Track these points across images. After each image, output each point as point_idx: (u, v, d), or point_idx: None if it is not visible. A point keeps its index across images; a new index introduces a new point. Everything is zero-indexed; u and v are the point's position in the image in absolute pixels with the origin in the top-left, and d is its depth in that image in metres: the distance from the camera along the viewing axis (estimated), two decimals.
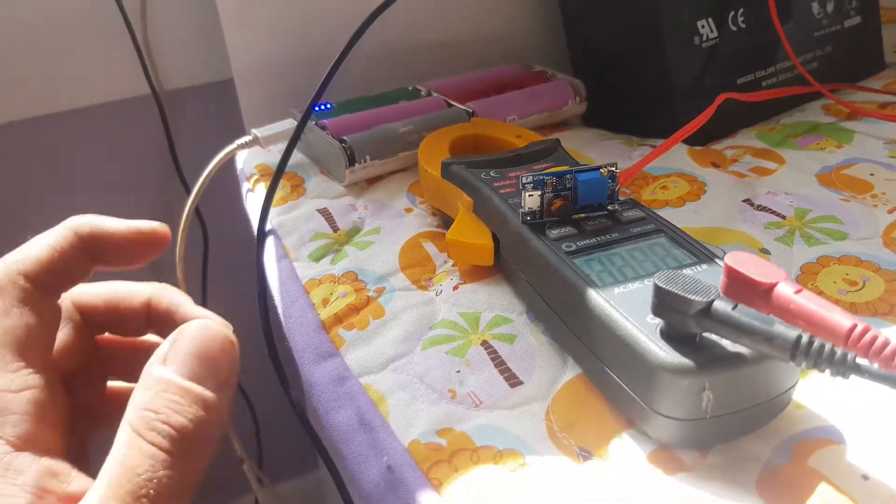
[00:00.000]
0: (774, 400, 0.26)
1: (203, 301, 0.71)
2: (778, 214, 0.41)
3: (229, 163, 0.51)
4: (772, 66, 0.54)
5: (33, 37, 0.62)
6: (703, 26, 0.51)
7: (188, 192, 0.67)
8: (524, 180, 0.33)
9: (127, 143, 0.70)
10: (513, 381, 0.31)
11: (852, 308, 0.33)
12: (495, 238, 0.36)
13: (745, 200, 0.42)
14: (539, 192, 0.33)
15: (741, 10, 0.52)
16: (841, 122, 0.51)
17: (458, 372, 0.32)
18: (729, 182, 0.44)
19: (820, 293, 0.34)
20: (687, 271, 0.29)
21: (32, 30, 0.62)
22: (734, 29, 0.52)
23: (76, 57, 0.64)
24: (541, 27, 0.65)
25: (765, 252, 0.38)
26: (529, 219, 0.33)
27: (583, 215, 0.34)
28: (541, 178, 0.33)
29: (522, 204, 0.33)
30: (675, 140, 0.44)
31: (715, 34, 0.52)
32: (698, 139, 0.51)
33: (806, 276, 0.36)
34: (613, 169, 0.34)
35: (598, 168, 0.33)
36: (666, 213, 0.42)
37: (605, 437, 0.28)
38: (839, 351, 0.23)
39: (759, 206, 0.42)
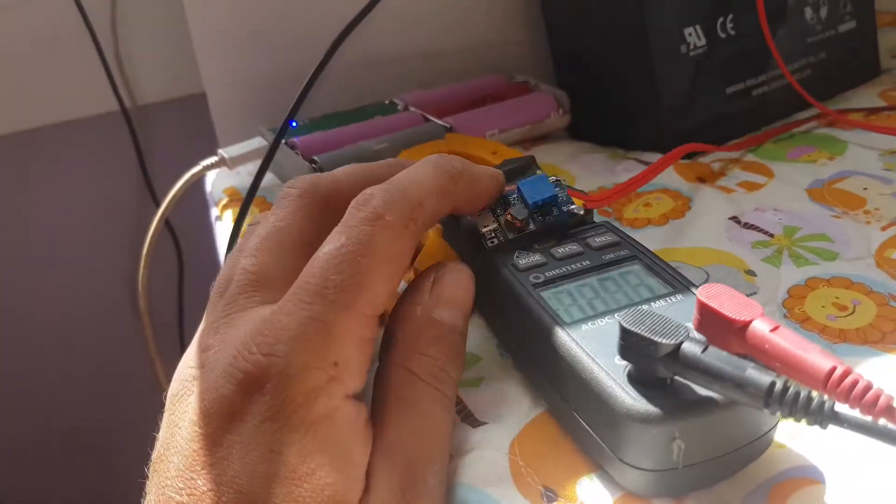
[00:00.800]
0: (752, 444, 0.25)
1: (179, 325, 0.70)
2: (766, 233, 0.39)
3: (202, 182, 0.49)
4: (763, 73, 0.52)
5: None
6: (690, 34, 0.49)
7: None
8: None
9: (96, 160, 0.69)
10: (476, 423, 0.29)
11: (841, 335, 0.31)
12: None
13: (731, 218, 0.40)
14: (489, 212, 0.32)
15: (730, 17, 0.50)
16: (834, 132, 0.49)
17: None
18: (715, 198, 0.43)
19: (807, 319, 0.32)
20: (660, 303, 0.28)
21: None
22: (723, 36, 0.50)
23: (42, 73, 0.63)
24: (524, 36, 0.63)
25: (751, 273, 0.36)
26: (495, 241, 0.32)
27: (553, 242, 0.32)
28: None
29: (479, 228, 0.32)
30: (636, 183, 0.42)
31: (703, 42, 0.50)
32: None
33: (793, 300, 0.34)
34: (555, 179, 0.33)
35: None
36: (649, 233, 0.40)
37: (572, 476, 0.26)
38: (816, 398, 0.21)
39: (746, 223, 0.40)
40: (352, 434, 0.24)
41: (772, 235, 0.38)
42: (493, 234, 0.32)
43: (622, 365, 0.24)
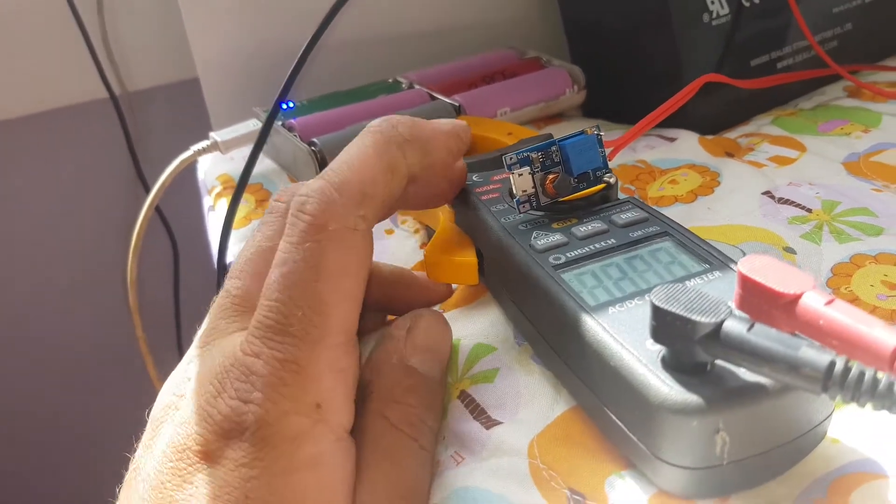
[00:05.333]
0: (805, 436, 0.22)
1: (176, 320, 0.68)
2: (803, 207, 0.36)
3: (194, 169, 0.46)
4: (788, 45, 0.49)
5: None
6: (713, 2, 0.46)
7: None
8: (508, 160, 0.29)
9: (86, 149, 0.67)
10: (490, 423, 0.26)
11: (893, 317, 0.28)
12: (480, 252, 0.31)
13: (764, 193, 0.38)
14: (528, 170, 0.29)
15: None
16: (865, 104, 0.46)
17: (444, 438, 0.27)
18: (746, 172, 0.40)
19: (856, 299, 0.30)
20: (696, 281, 0.25)
21: None
22: (747, 5, 0.47)
23: (27, 60, 0.61)
24: (535, 9, 0.60)
25: (790, 251, 0.33)
26: (527, 205, 0.29)
27: (574, 220, 0.29)
28: (525, 154, 0.29)
29: (514, 188, 0.29)
30: (651, 121, 0.40)
31: (726, 11, 0.47)
32: (708, 128, 0.46)
33: (838, 279, 0.31)
34: (597, 131, 0.30)
35: (580, 131, 0.30)
36: (676, 211, 0.38)
37: (601, 476, 0.23)
38: (884, 378, 0.18)
39: (780, 198, 0.37)
40: (338, 482, 0.23)
41: (809, 210, 0.35)
42: (526, 199, 0.29)
43: (655, 350, 0.22)
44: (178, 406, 0.24)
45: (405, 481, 0.25)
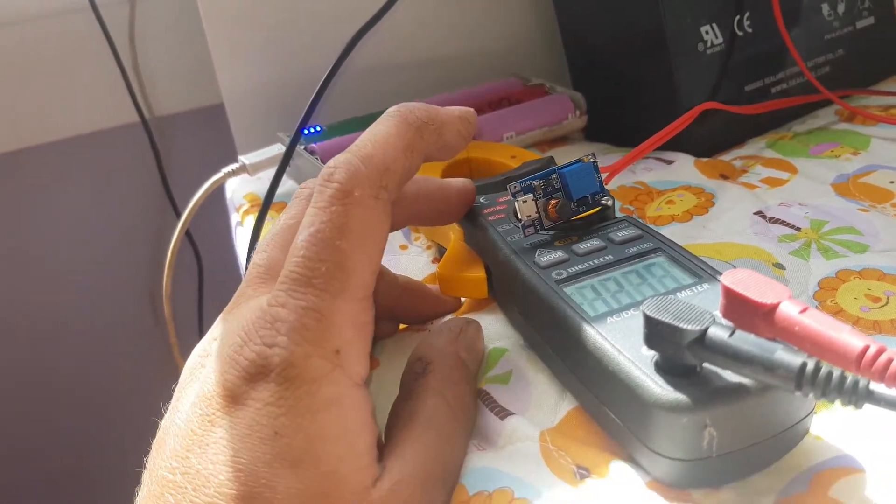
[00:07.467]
0: (788, 431, 0.24)
1: (199, 330, 0.70)
2: (792, 226, 0.38)
3: (222, 190, 0.49)
4: (781, 71, 0.51)
5: (15, 66, 0.62)
6: (707, 32, 0.49)
7: None
8: (513, 189, 0.32)
9: (117, 172, 0.69)
10: (503, 413, 0.29)
11: (876, 327, 0.30)
12: (488, 269, 0.34)
13: (756, 213, 0.40)
14: (531, 197, 0.32)
15: (747, 14, 0.50)
16: (856, 128, 0.48)
17: None
18: (739, 193, 0.42)
19: (840, 311, 0.32)
20: (686, 293, 0.27)
21: (14, 59, 0.61)
22: (740, 34, 0.50)
23: (62, 85, 0.63)
24: (538, 38, 0.63)
25: (779, 267, 0.35)
26: (531, 229, 0.32)
27: (574, 238, 0.31)
28: (528, 183, 0.32)
29: (518, 213, 0.32)
30: (650, 146, 0.43)
31: (720, 40, 0.49)
32: (704, 150, 0.49)
33: (824, 293, 0.33)
34: (593, 158, 0.33)
35: (577, 160, 0.32)
36: (672, 229, 0.40)
37: (605, 457, 0.26)
38: (850, 377, 0.20)
39: (771, 218, 0.39)
40: (357, 422, 0.25)
41: (799, 229, 0.38)
42: (531, 223, 0.32)
43: (649, 355, 0.24)
44: (203, 364, 0.26)
45: (451, 458, 0.27)
